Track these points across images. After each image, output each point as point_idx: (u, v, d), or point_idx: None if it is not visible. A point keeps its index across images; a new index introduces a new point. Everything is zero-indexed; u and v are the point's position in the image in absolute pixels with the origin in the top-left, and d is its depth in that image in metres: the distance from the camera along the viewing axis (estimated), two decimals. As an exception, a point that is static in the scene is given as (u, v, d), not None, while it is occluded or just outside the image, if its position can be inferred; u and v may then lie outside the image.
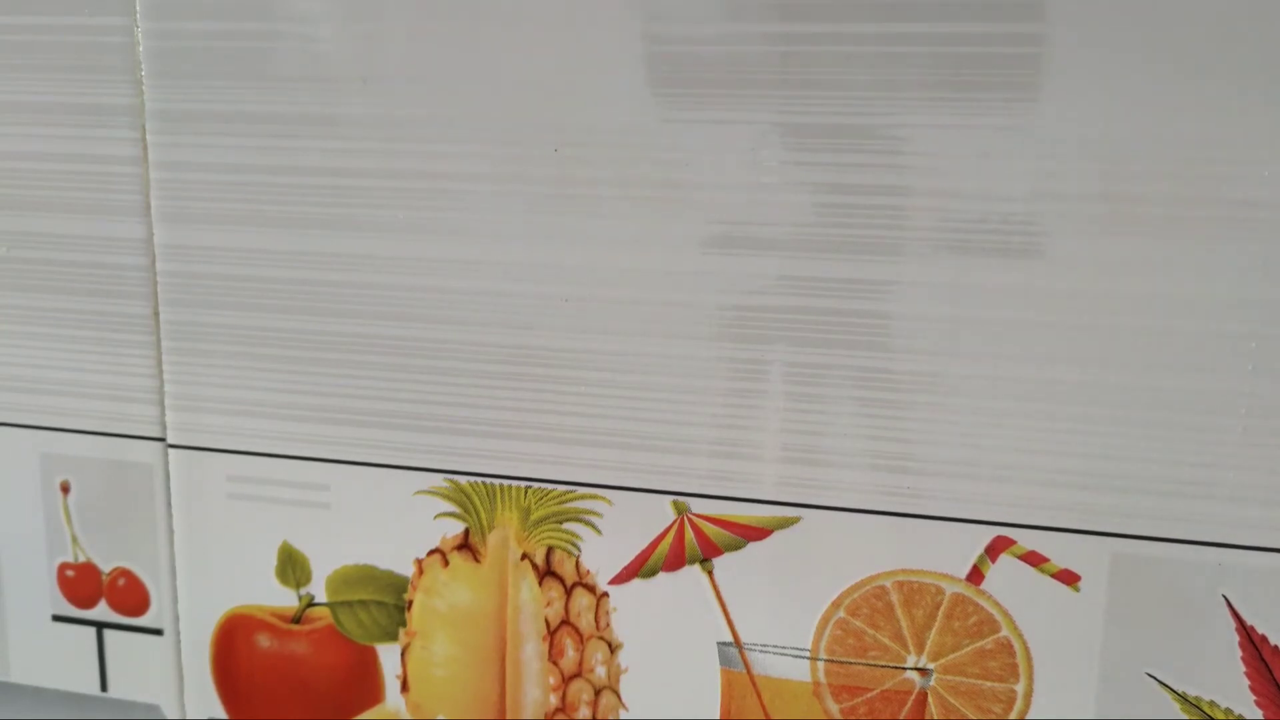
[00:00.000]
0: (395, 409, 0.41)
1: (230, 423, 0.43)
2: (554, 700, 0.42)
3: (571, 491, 0.40)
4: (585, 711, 0.42)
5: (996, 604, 0.37)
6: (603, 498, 0.40)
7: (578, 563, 0.41)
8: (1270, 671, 0.36)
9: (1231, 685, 0.36)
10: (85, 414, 0.45)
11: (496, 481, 0.41)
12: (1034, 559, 0.37)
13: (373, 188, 0.39)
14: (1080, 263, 0.35)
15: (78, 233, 0.43)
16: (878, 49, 0.35)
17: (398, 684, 0.44)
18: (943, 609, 0.38)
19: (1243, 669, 0.36)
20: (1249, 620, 0.36)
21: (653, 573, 0.40)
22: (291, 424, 0.42)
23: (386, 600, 0.43)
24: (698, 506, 0.39)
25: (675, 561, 0.40)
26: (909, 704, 0.39)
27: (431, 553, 0.42)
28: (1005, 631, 0.37)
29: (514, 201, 0.38)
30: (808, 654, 0.39)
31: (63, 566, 0.47)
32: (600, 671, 0.42)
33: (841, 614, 0.39)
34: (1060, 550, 0.37)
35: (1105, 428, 0.35)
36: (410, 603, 0.43)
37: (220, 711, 0.46)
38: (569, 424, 0.40)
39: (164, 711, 0.47)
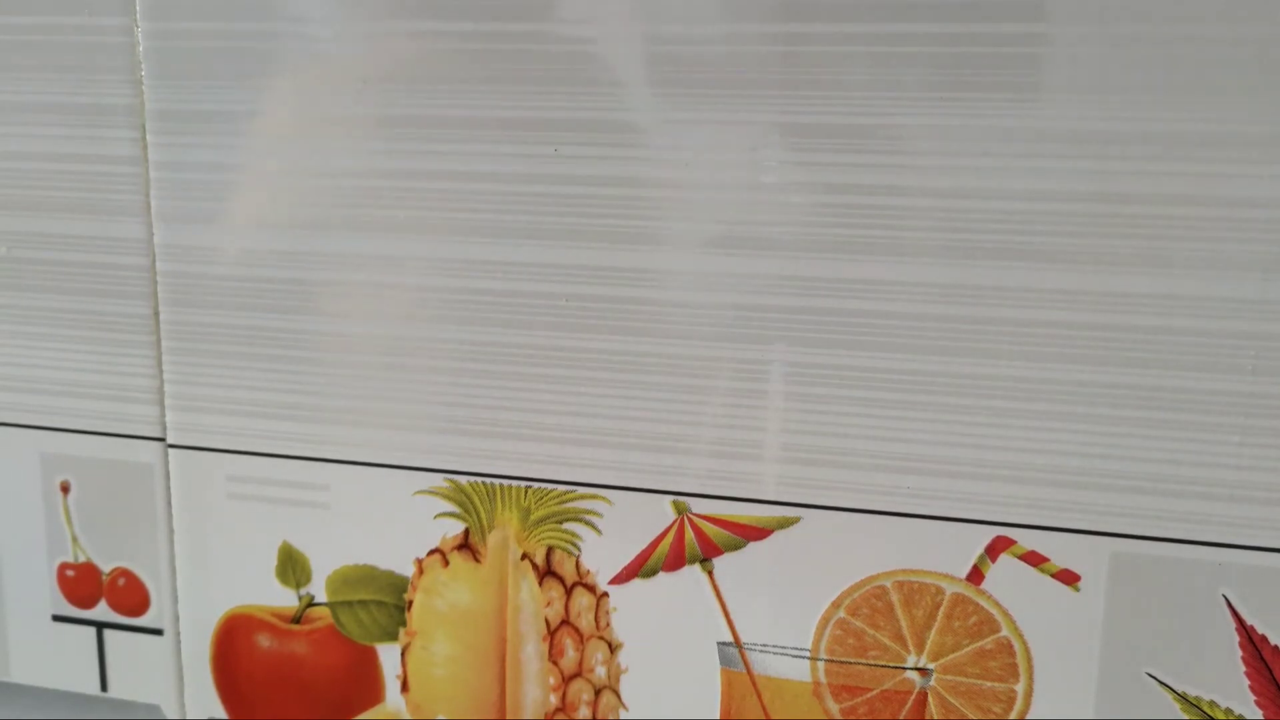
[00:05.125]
0: (395, 409, 0.41)
1: (230, 423, 0.43)
2: (554, 700, 0.42)
3: (571, 491, 0.40)
4: (585, 711, 0.42)
5: (996, 604, 0.37)
6: (603, 498, 0.40)
7: (578, 563, 0.41)
8: (1270, 671, 0.36)
9: (1231, 685, 0.36)
10: (85, 414, 0.45)
11: (496, 481, 0.41)
12: (1034, 559, 0.37)
13: (372, 188, 0.40)
14: (1080, 263, 0.35)
15: (78, 233, 0.43)
16: (878, 49, 0.35)
17: (398, 684, 0.44)
18: (943, 609, 0.38)
19: (1243, 669, 0.36)
20: (1249, 620, 0.36)
21: (653, 573, 0.40)
22: (291, 424, 0.42)
23: (386, 600, 0.43)
24: (698, 506, 0.39)
25: (675, 561, 0.40)
26: (909, 704, 0.39)
27: (431, 553, 0.42)
28: (1005, 631, 0.38)
29: (514, 201, 0.38)
30: (808, 654, 0.39)
31: (63, 566, 0.47)
32: (600, 671, 0.42)
33: (841, 614, 0.39)
34: (1060, 550, 0.37)
35: (1105, 428, 0.35)
36: (410, 603, 0.43)
37: (220, 711, 0.46)
38: (569, 424, 0.40)
39: (164, 711, 0.47)
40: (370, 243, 0.40)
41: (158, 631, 0.46)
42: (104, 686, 0.48)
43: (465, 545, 0.42)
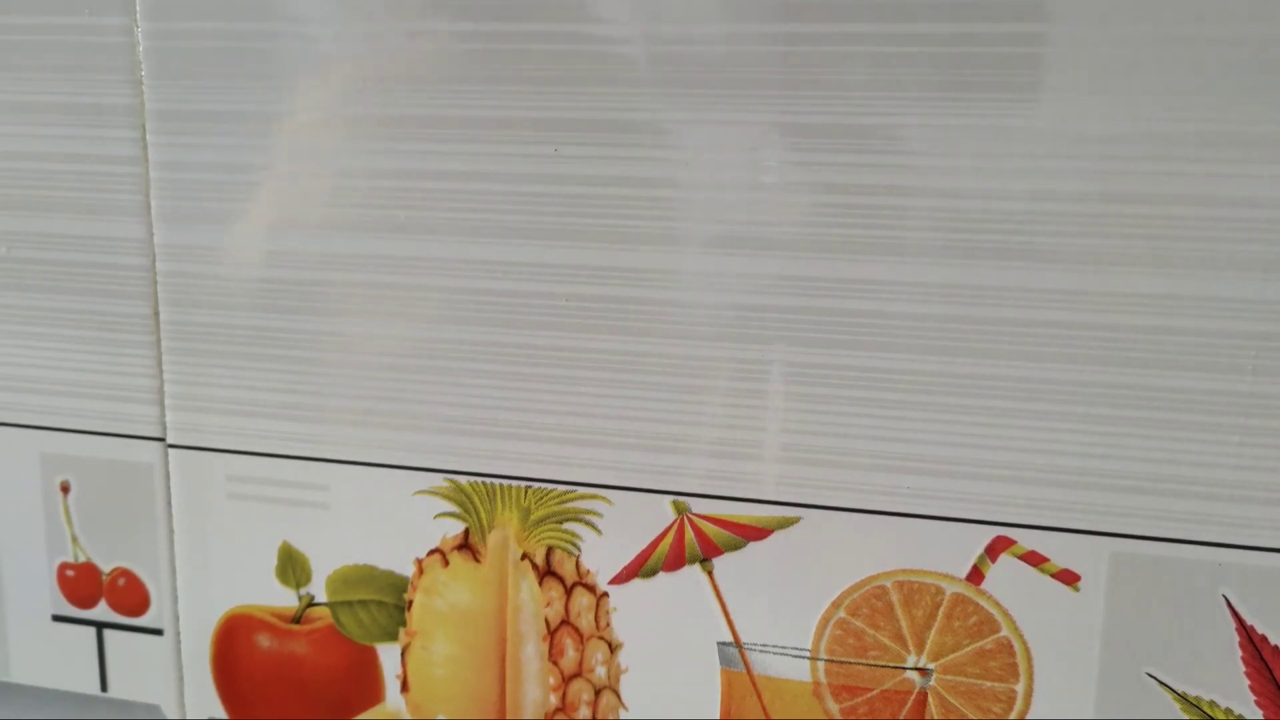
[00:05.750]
0: (395, 409, 0.41)
1: (230, 423, 0.43)
2: (554, 700, 0.42)
3: (571, 491, 0.40)
4: (585, 711, 0.42)
5: (996, 604, 0.37)
6: (603, 498, 0.40)
7: (578, 563, 0.41)
8: (1270, 671, 0.36)
9: (1231, 685, 0.36)
10: (85, 414, 0.45)
11: (496, 481, 0.41)
12: (1034, 559, 0.37)
13: (373, 188, 0.40)
14: (1080, 263, 0.35)
15: (78, 233, 0.43)
16: (878, 49, 0.35)
17: (398, 684, 0.44)
18: (943, 609, 0.38)
19: (1243, 669, 0.36)
20: (1249, 620, 0.36)
21: (653, 573, 0.40)
22: (291, 424, 0.42)
23: (386, 600, 0.43)
24: (698, 506, 0.39)
25: (675, 561, 0.40)
26: (909, 704, 0.39)
27: (431, 553, 0.42)
28: (1005, 631, 0.38)
29: (514, 201, 0.38)
30: (808, 654, 0.39)
31: (63, 566, 0.47)
32: (600, 671, 0.42)
33: (841, 614, 0.39)
34: (1060, 550, 0.37)
35: (1105, 428, 0.35)
36: (410, 602, 0.43)
37: (220, 711, 0.46)
38: (569, 424, 0.40)
39: (164, 711, 0.47)
40: (371, 243, 0.40)
41: (158, 631, 0.46)
42: (104, 686, 0.48)
43: (465, 545, 0.42)
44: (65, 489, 0.46)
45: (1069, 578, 0.37)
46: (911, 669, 0.39)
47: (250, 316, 0.42)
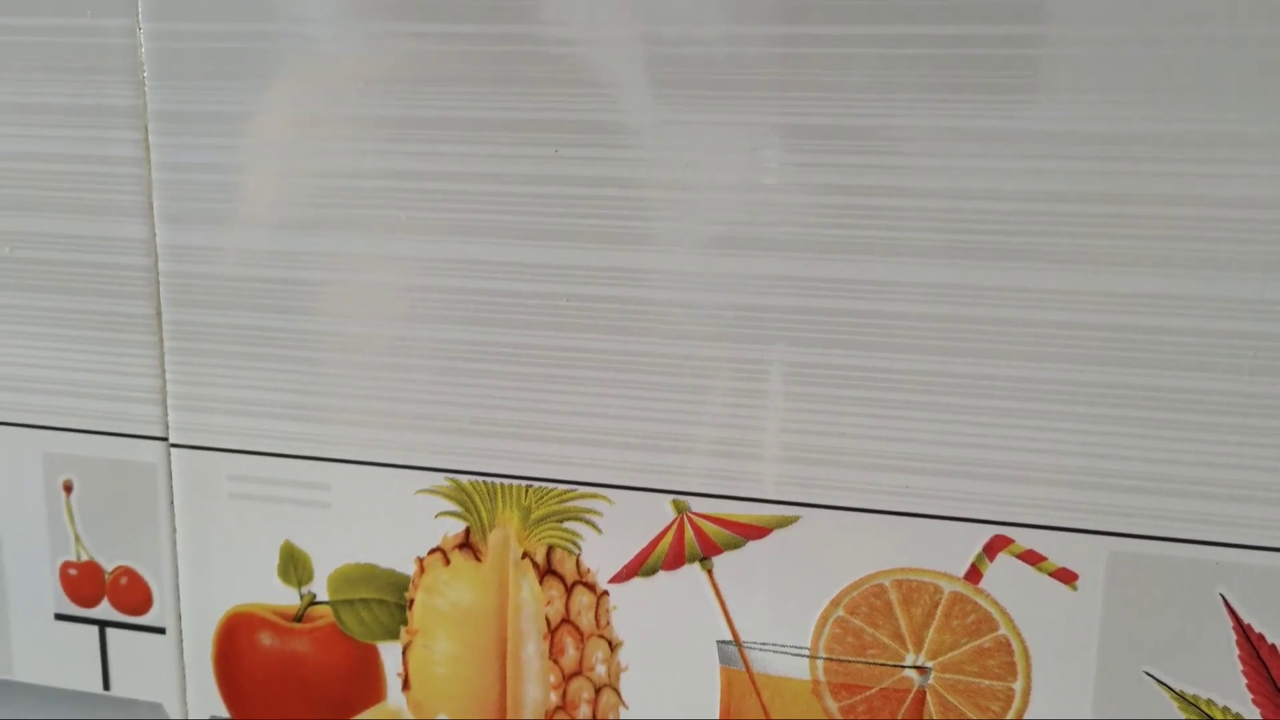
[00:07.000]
0: (396, 409, 0.41)
1: (232, 422, 0.43)
2: (554, 698, 0.42)
3: (572, 490, 0.40)
4: (585, 710, 0.42)
5: (995, 603, 0.37)
6: (603, 497, 0.40)
7: (578, 561, 0.41)
8: (1268, 670, 0.36)
9: (1229, 684, 0.36)
10: (88, 414, 0.45)
11: (497, 481, 0.41)
12: (1032, 558, 0.37)
13: (373, 188, 0.40)
14: (1080, 263, 0.35)
15: (80, 233, 0.43)
16: (878, 50, 0.35)
17: (399, 682, 0.44)
18: (941, 607, 0.38)
19: (1240, 668, 0.36)
20: (1247, 619, 0.36)
21: (653, 571, 0.40)
22: (293, 424, 0.42)
23: (388, 599, 0.43)
24: (698, 505, 0.39)
25: (675, 560, 0.40)
26: (907, 702, 0.39)
27: (433, 551, 0.42)
28: (1003, 630, 0.38)
29: (514, 202, 0.39)
30: (807, 652, 0.39)
31: (65, 565, 0.47)
32: (600, 670, 0.42)
33: (840, 612, 0.39)
34: (1058, 549, 0.37)
35: (1105, 427, 0.35)
36: (412, 601, 0.43)
37: (222, 710, 0.46)
38: (569, 424, 0.40)
39: (166, 710, 0.47)
40: (371, 243, 0.40)
41: (160, 630, 0.47)
42: (106, 685, 0.48)
43: (466, 544, 0.42)
44: (68, 488, 0.46)
45: (1067, 576, 0.37)
46: (910, 667, 0.39)
47: (252, 316, 0.42)
